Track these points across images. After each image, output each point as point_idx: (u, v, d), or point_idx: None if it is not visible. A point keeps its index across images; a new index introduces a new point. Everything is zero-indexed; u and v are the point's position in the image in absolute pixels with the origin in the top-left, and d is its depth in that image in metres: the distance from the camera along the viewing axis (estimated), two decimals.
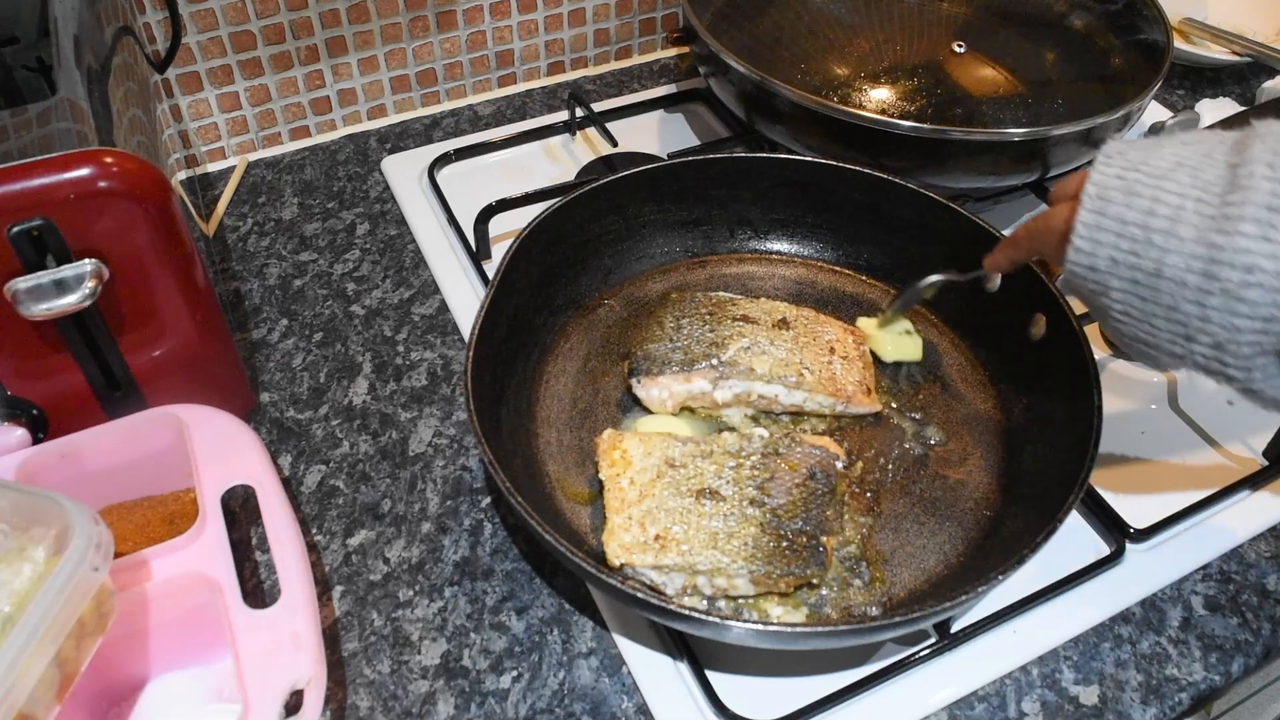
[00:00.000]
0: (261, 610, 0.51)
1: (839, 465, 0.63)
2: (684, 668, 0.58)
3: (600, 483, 0.62)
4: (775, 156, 0.78)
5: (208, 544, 0.54)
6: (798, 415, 0.69)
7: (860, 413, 0.69)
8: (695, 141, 0.97)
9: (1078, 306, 0.61)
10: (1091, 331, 0.78)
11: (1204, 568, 0.65)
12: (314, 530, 0.66)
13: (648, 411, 0.69)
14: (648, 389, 0.68)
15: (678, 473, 0.61)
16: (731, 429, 0.68)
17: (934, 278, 0.71)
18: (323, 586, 0.63)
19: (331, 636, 0.60)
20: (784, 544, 0.57)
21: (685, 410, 0.69)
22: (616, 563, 0.57)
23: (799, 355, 0.68)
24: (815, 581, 0.58)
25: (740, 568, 0.56)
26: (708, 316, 0.71)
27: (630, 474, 0.61)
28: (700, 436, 0.65)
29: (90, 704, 0.53)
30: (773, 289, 0.79)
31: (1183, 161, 0.47)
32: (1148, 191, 0.47)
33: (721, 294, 0.74)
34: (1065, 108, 0.86)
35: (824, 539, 0.58)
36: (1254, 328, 0.44)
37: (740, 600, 0.58)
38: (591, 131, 0.97)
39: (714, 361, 0.68)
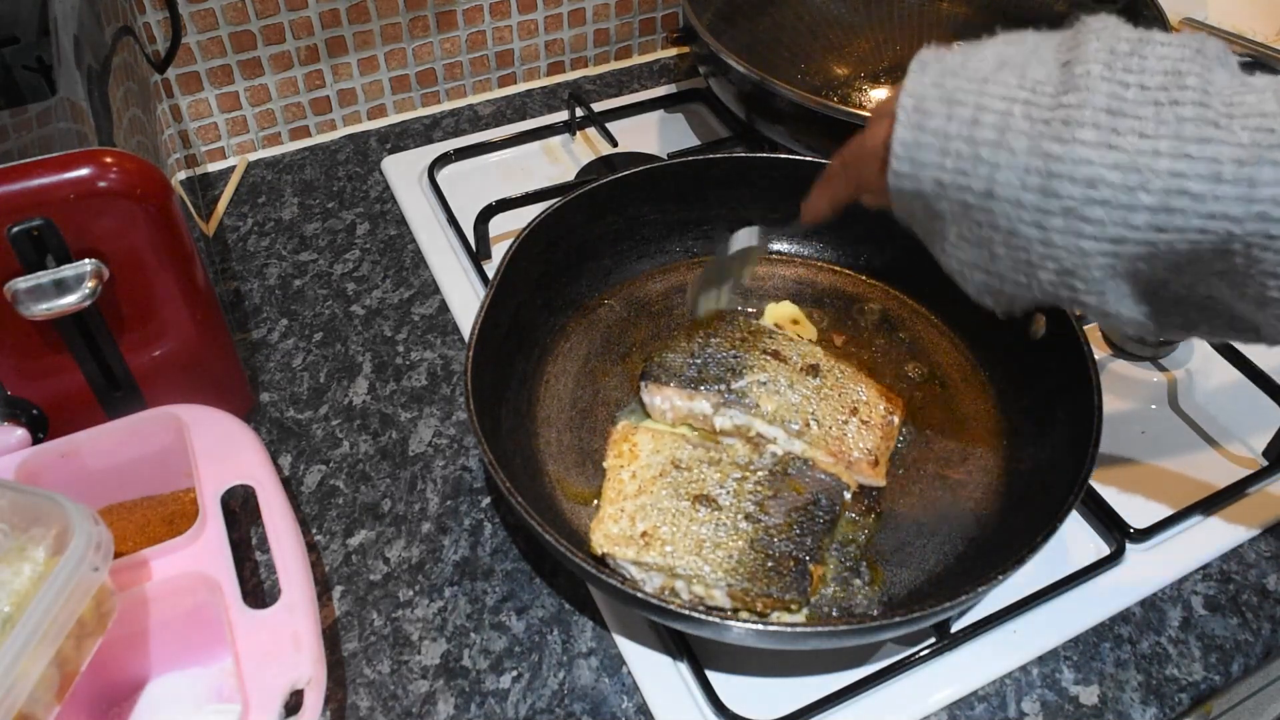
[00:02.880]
0: (261, 610, 0.51)
1: (847, 496, 0.62)
2: (684, 668, 0.58)
3: (602, 476, 0.62)
4: (775, 156, 0.78)
5: (208, 544, 0.54)
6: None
7: (862, 482, 0.65)
8: (695, 141, 0.97)
9: None
10: (1091, 331, 0.78)
11: (1204, 568, 0.65)
12: (314, 530, 0.66)
13: (647, 416, 0.69)
14: (652, 395, 0.67)
15: (681, 474, 0.61)
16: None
17: (744, 238, 0.61)
18: (323, 586, 0.63)
19: (331, 636, 0.60)
20: (770, 564, 0.56)
21: (686, 427, 0.68)
22: (599, 551, 0.57)
23: (815, 405, 0.65)
24: (793, 608, 0.57)
25: (719, 579, 0.56)
26: (739, 342, 0.68)
27: (634, 467, 0.61)
28: (712, 443, 0.64)
29: (90, 704, 0.53)
30: (773, 289, 0.79)
31: (1007, 61, 0.42)
32: (970, 98, 0.41)
33: (764, 324, 0.72)
34: None
35: (812, 567, 0.57)
36: (1103, 249, 0.39)
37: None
38: (591, 131, 0.97)
39: (722, 387, 0.66)
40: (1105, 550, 0.65)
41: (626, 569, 0.57)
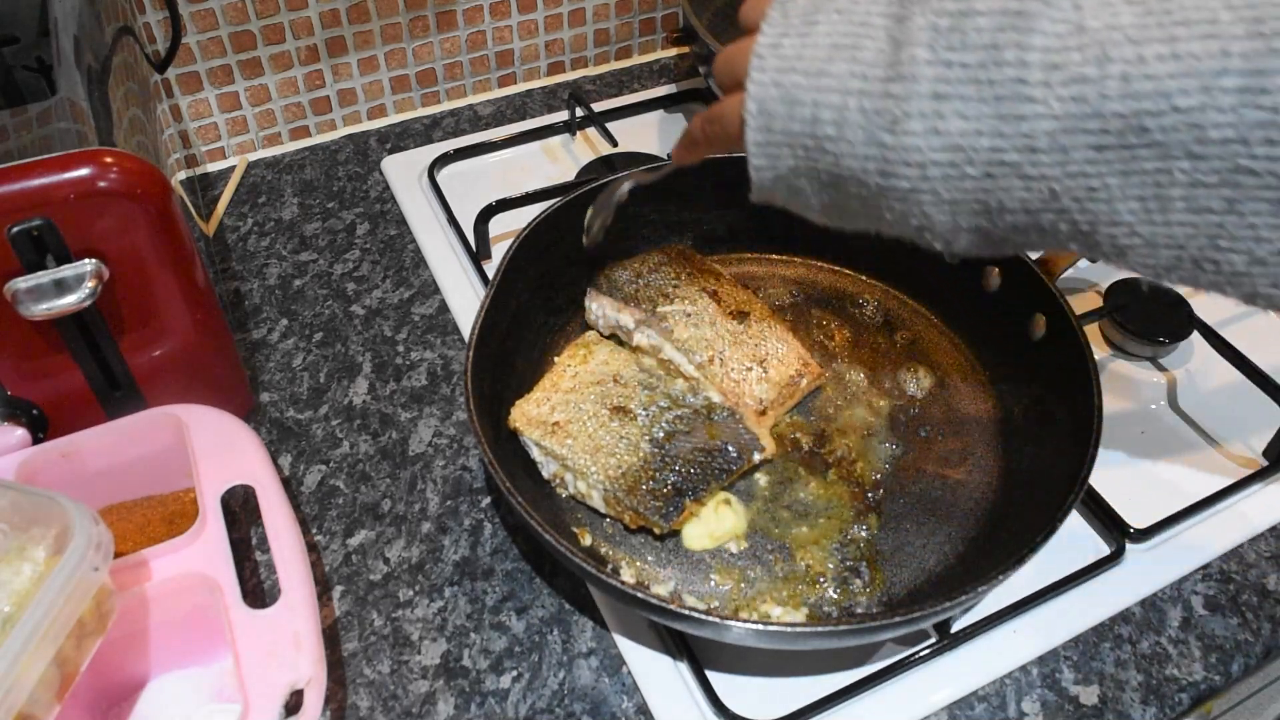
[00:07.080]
0: (261, 610, 0.52)
1: (757, 457, 0.64)
2: (684, 668, 0.58)
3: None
4: None
5: (208, 544, 0.54)
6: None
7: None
8: None
9: (1077, 305, 0.60)
10: (1091, 331, 0.78)
11: (1204, 568, 0.65)
12: (314, 530, 0.66)
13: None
14: (591, 301, 0.73)
15: (615, 388, 0.65)
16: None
17: (626, 186, 0.65)
18: (323, 586, 0.63)
19: (331, 636, 0.60)
20: (651, 485, 0.60)
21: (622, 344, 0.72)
22: (512, 425, 0.63)
23: (726, 346, 0.68)
24: (657, 531, 0.60)
25: (600, 482, 0.60)
26: (684, 275, 0.73)
27: (579, 369, 0.67)
28: (661, 373, 0.67)
29: (90, 704, 0.53)
30: (773, 289, 0.79)
31: (839, 43, 0.43)
32: (807, 96, 0.43)
33: (718, 267, 0.75)
34: None
35: (690, 502, 0.60)
36: (943, 212, 0.42)
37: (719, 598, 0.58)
38: (591, 131, 0.97)
39: (649, 307, 0.70)
40: (1105, 550, 0.65)
41: (531, 449, 0.64)
